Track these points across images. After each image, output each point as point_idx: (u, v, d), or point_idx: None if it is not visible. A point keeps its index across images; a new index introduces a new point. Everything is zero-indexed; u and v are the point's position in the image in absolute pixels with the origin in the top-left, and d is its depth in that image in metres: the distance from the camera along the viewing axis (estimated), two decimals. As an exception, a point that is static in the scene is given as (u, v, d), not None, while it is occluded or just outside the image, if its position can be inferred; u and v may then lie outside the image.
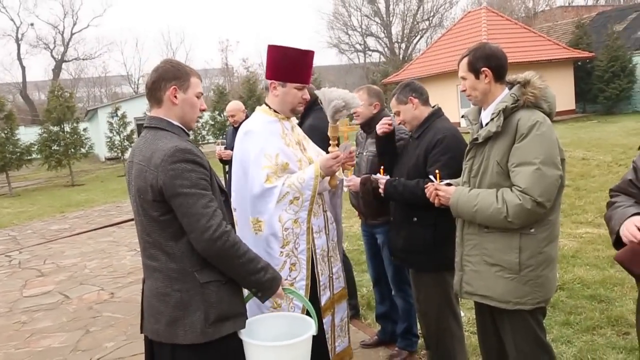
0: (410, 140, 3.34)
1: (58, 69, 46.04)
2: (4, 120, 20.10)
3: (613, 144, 13.17)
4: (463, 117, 2.81)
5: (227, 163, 6.09)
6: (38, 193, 19.88)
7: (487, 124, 2.52)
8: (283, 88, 2.88)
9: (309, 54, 2.89)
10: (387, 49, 45.41)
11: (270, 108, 2.94)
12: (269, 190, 2.72)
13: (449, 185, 2.69)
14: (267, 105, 2.96)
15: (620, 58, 22.57)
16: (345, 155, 2.91)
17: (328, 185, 2.95)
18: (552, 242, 2.48)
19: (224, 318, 2.17)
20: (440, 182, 2.73)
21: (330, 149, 2.88)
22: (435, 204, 2.74)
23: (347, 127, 3.17)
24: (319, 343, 2.74)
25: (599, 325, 3.95)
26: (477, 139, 2.53)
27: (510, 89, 2.51)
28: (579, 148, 13.02)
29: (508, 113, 2.44)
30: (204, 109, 2.36)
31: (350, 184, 3.50)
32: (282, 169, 2.78)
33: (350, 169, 3.28)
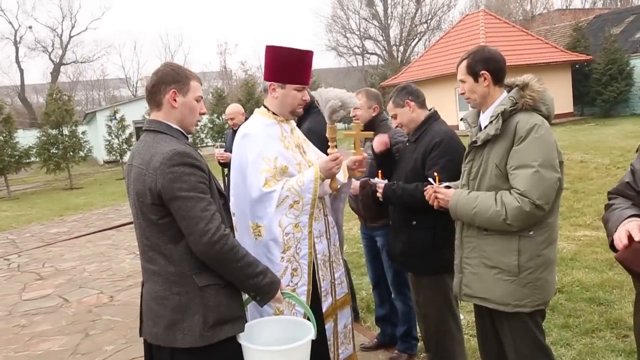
0: (408, 144, 3.35)
1: (56, 72, 46.03)
2: (2, 124, 20.01)
3: (611, 147, 13.19)
4: (462, 119, 2.82)
5: (226, 166, 6.10)
6: (37, 196, 19.84)
7: (485, 127, 2.53)
8: (282, 89, 2.81)
9: (308, 54, 2.83)
10: (385, 52, 45.47)
11: (269, 110, 2.87)
12: (268, 195, 2.66)
13: (448, 188, 2.70)
14: (265, 108, 2.90)
15: (618, 61, 22.64)
16: (356, 161, 2.88)
17: (329, 189, 2.88)
18: (550, 244, 2.49)
19: (223, 322, 2.16)
20: (440, 184, 2.73)
21: (330, 151, 2.82)
22: (435, 207, 2.75)
23: (362, 132, 3.09)
24: (320, 349, 2.71)
25: (598, 328, 3.96)
26: (475, 142, 2.54)
27: (509, 92, 2.52)
28: (577, 151, 13.04)
29: (507, 116, 2.44)
30: (204, 113, 2.35)
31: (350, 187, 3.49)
32: (281, 173, 2.71)
33: (360, 174, 3.19)
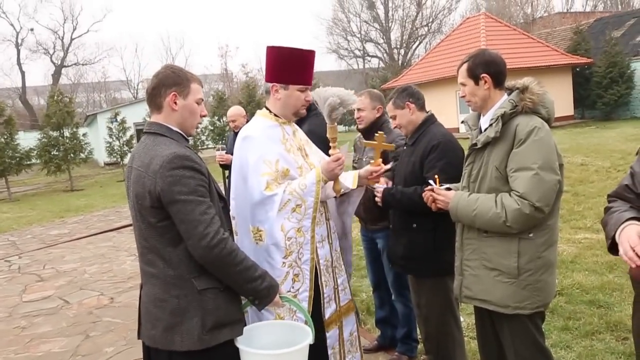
0: (405, 147, 3.35)
1: (58, 74, 46.12)
2: (4, 125, 20.07)
3: (611, 150, 13.20)
4: (462, 122, 2.83)
5: (226, 168, 6.11)
6: (37, 198, 19.86)
7: (485, 130, 2.54)
8: (285, 90, 2.73)
9: (311, 54, 2.76)
10: (386, 55, 45.54)
11: (271, 112, 2.81)
12: (269, 198, 2.59)
13: (449, 190, 2.70)
14: (267, 109, 2.83)
15: (619, 64, 22.66)
16: (373, 171, 2.87)
17: (331, 192, 2.80)
18: (550, 246, 2.49)
19: (221, 325, 2.15)
20: (440, 186, 2.74)
21: (331, 152, 2.74)
22: (433, 209, 2.76)
23: (383, 144, 3.02)
24: (320, 356, 2.69)
25: (598, 331, 3.96)
26: (476, 145, 2.56)
27: (509, 95, 2.54)
28: (578, 154, 13.05)
29: (506, 119, 2.46)
30: (204, 115, 2.34)
31: None
32: (282, 176, 2.65)
33: (374, 184, 3.09)
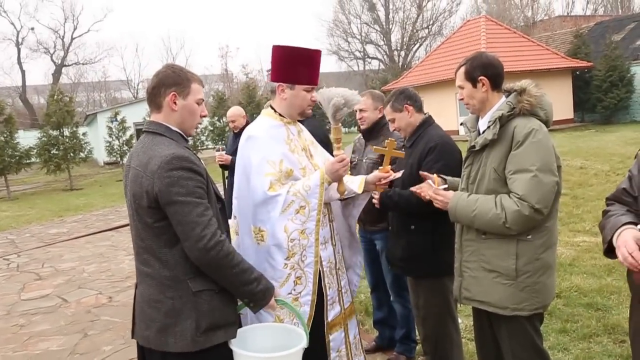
0: (403, 150, 3.36)
1: (58, 74, 46.08)
2: (3, 124, 20.06)
3: (611, 153, 13.22)
4: (461, 124, 2.84)
5: (226, 168, 6.12)
6: (37, 197, 19.84)
7: (484, 132, 2.55)
8: (291, 90, 2.71)
9: (317, 54, 2.74)
10: (386, 57, 45.54)
11: (276, 112, 2.78)
12: (273, 199, 2.56)
13: (447, 190, 2.71)
14: (272, 109, 2.81)
15: (619, 68, 22.67)
16: (381, 177, 2.86)
17: (335, 194, 2.77)
18: (549, 248, 2.50)
19: (216, 327, 2.14)
20: (439, 186, 2.74)
21: (336, 152, 2.72)
22: (425, 200, 2.75)
23: (394, 151, 3.01)
24: (321, 358, 2.68)
25: (596, 333, 3.98)
26: (474, 147, 2.57)
27: (507, 97, 2.54)
28: (577, 157, 13.06)
29: (504, 121, 2.47)
30: (205, 115, 2.33)
31: None
32: (286, 176, 2.63)
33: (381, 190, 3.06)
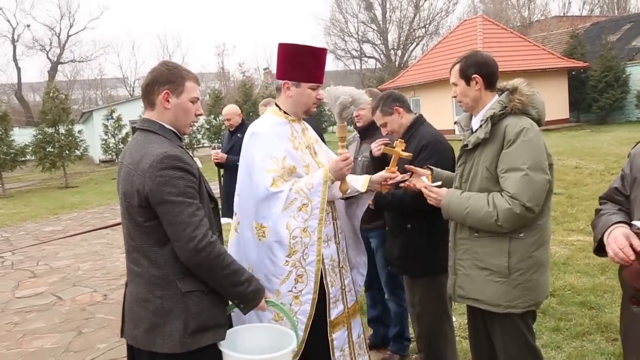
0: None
1: (54, 71, 45.92)
2: (-1, 121, 20.04)
3: (606, 153, 13.26)
4: (455, 123, 2.85)
5: (222, 167, 6.12)
6: (32, 194, 19.77)
7: (476, 131, 2.57)
8: (297, 88, 2.70)
9: (323, 52, 2.75)
10: (383, 56, 45.59)
11: (280, 109, 2.78)
12: (275, 195, 2.55)
13: (440, 187, 2.71)
14: (277, 106, 2.80)
15: (614, 68, 22.75)
16: (387, 178, 2.83)
17: (338, 193, 2.75)
18: (541, 246, 2.51)
19: (204, 329, 2.12)
20: (432, 183, 2.75)
21: (340, 151, 2.69)
22: (415, 190, 2.76)
23: (402, 152, 2.94)
24: (322, 357, 2.68)
25: (589, 332, 4.00)
26: (467, 145, 2.58)
27: (500, 96, 2.56)
28: (573, 157, 13.10)
29: (496, 120, 2.48)
30: (200, 114, 2.29)
31: None
32: (288, 173, 2.62)
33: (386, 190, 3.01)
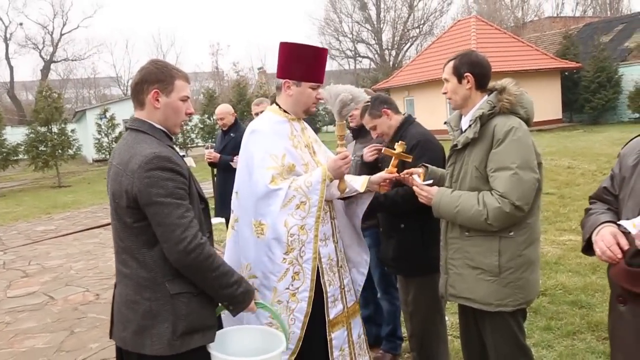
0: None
1: (47, 70, 45.67)
2: (-9, 120, 19.95)
3: (598, 153, 13.32)
4: (445, 123, 2.87)
5: (215, 166, 6.11)
6: (24, 194, 19.66)
7: (465, 131, 2.58)
8: (298, 87, 2.72)
9: (324, 52, 2.78)
10: (377, 56, 45.61)
11: (280, 108, 2.79)
12: (274, 192, 2.56)
13: (432, 186, 2.73)
14: (277, 105, 2.81)
15: (607, 69, 22.86)
16: (386, 178, 2.84)
17: (336, 192, 2.75)
18: (531, 244, 2.53)
19: (193, 331, 2.09)
20: (424, 182, 2.76)
21: (339, 150, 2.70)
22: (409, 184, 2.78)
23: (402, 154, 2.96)
24: (321, 356, 2.68)
25: (580, 331, 4.03)
26: (456, 145, 2.60)
27: (489, 96, 2.57)
28: (565, 157, 13.15)
29: (485, 120, 2.50)
30: (191, 113, 2.27)
31: None
32: (288, 171, 2.63)
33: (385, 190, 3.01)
